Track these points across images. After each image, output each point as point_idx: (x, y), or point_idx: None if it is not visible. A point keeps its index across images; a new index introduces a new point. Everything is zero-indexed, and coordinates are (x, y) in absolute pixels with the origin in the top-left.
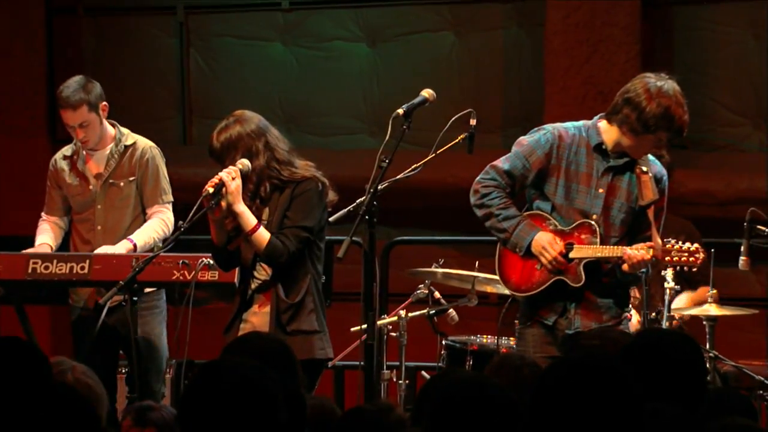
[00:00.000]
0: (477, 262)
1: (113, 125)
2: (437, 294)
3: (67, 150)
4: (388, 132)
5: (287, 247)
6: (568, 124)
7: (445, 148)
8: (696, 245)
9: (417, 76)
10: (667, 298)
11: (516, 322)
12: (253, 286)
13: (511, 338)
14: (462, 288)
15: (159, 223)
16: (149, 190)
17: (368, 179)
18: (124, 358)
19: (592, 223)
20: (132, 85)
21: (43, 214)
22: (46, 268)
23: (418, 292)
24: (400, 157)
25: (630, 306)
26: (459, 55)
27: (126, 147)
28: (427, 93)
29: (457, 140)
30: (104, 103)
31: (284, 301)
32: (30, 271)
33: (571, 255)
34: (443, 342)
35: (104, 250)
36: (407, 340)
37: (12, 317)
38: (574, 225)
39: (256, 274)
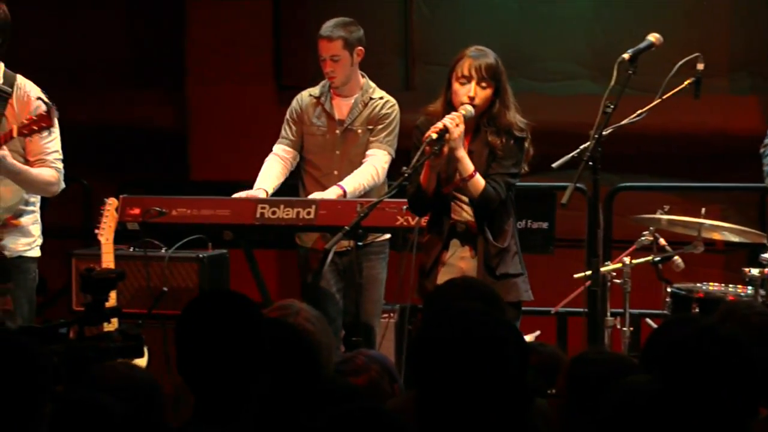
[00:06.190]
0: (703, 209)
1: (363, 76)
2: (662, 241)
3: (315, 90)
4: (613, 77)
5: (499, 194)
6: None
7: (671, 93)
8: None
9: (641, 21)
10: None
11: (746, 269)
12: (457, 229)
13: (739, 286)
14: (687, 235)
15: (370, 170)
16: (377, 135)
17: (590, 125)
18: None
19: None
20: None
21: (277, 145)
22: (274, 213)
23: (643, 238)
24: (623, 103)
25: None
26: None
27: (371, 99)
28: (653, 37)
29: (683, 85)
30: (361, 47)
31: (494, 245)
32: (258, 215)
33: None
34: (668, 289)
35: (316, 195)
36: (631, 287)
37: (241, 261)
38: None
39: (454, 216)
